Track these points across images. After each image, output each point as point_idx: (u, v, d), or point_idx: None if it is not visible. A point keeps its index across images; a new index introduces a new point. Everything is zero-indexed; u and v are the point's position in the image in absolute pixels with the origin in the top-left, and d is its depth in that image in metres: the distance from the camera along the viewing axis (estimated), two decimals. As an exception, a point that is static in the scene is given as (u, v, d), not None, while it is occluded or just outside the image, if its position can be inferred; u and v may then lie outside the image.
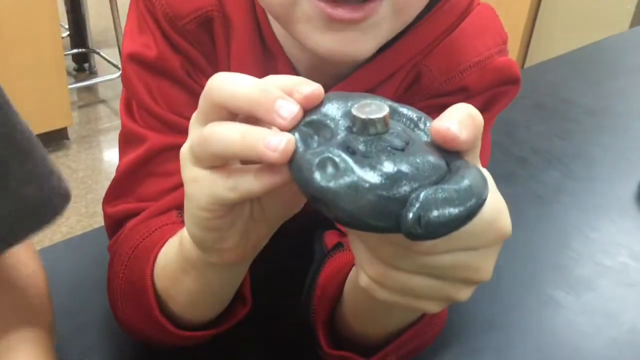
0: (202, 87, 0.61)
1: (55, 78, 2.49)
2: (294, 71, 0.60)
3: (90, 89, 3.17)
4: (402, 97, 0.61)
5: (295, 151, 0.34)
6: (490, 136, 0.67)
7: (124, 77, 0.62)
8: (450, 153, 0.35)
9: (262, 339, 0.66)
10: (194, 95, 0.60)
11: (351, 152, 0.33)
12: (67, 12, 3.06)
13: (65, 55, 2.75)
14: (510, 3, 3.05)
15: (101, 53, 3.19)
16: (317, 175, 0.33)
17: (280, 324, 0.67)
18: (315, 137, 0.35)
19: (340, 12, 0.48)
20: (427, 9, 0.56)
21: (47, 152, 0.56)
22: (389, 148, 0.34)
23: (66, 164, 2.59)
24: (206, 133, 0.37)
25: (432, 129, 0.35)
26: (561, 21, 2.97)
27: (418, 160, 0.33)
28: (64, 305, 0.69)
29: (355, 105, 0.35)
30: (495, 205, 0.38)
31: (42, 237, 2.38)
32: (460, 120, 0.34)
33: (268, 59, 0.60)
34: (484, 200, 0.33)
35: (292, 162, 0.35)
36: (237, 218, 0.42)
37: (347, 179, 0.32)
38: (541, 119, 1.16)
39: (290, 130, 0.35)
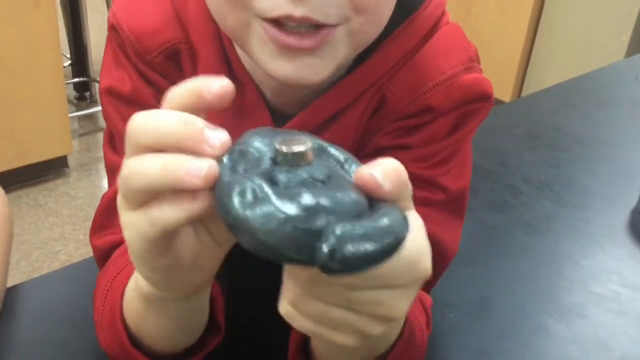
0: None
1: (56, 106, 2.51)
2: (261, 97, 0.60)
3: (91, 117, 3.19)
4: (369, 121, 0.61)
5: (219, 178, 0.34)
6: (470, 153, 0.66)
7: (103, 111, 0.63)
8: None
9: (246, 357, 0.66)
10: None
11: (272, 182, 0.33)
12: (69, 41, 3.10)
13: (67, 84, 2.78)
14: (506, 33, 3.09)
15: (102, 82, 3.22)
16: (236, 202, 0.32)
17: (264, 341, 0.67)
18: (241, 166, 0.35)
19: (293, 40, 0.48)
20: (390, 30, 0.56)
21: None
22: (310, 180, 0.34)
23: (65, 192, 2.60)
24: (127, 170, 0.37)
25: (356, 173, 0.35)
26: (557, 52, 3.00)
27: (338, 195, 0.33)
28: (60, 333, 0.69)
29: (280, 139, 0.35)
30: (418, 247, 0.38)
31: (40, 264, 2.38)
32: (385, 171, 0.35)
33: (236, 85, 0.60)
34: (402, 239, 0.33)
35: (215, 189, 0.34)
36: (181, 251, 0.41)
37: (263, 209, 0.32)
38: (533, 147, 1.18)
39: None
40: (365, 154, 0.63)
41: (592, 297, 0.81)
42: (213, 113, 0.61)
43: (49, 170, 2.65)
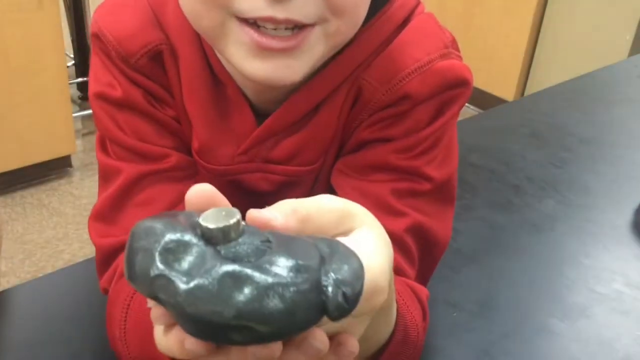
0: (165, 114, 0.62)
1: (60, 106, 2.51)
2: (243, 97, 0.61)
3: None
4: (349, 114, 0.62)
5: (176, 291, 0.30)
6: (455, 138, 0.66)
7: (95, 116, 0.64)
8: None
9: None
10: (161, 124, 0.63)
11: (233, 260, 0.31)
12: (73, 41, 3.11)
13: (70, 84, 2.78)
14: (509, 32, 3.09)
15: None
16: (235, 298, 0.30)
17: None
18: (184, 265, 0.31)
19: (271, 42, 0.49)
20: (364, 22, 0.57)
21: None
22: (260, 245, 0.33)
23: (69, 191, 2.61)
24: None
25: (247, 215, 0.35)
26: (560, 51, 3.00)
27: (298, 249, 0.33)
28: (63, 332, 0.70)
29: (199, 219, 0.33)
30: (373, 277, 0.36)
31: (44, 263, 2.39)
32: (278, 208, 0.36)
33: (217, 85, 0.62)
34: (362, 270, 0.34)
35: (184, 310, 0.30)
36: None
37: (263, 288, 0.30)
38: (536, 147, 1.18)
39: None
40: (348, 149, 0.64)
41: (595, 297, 0.81)
42: (197, 113, 0.62)
43: (52, 170, 2.66)
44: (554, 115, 1.31)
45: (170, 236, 0.32)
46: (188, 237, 0.32)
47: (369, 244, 0.38)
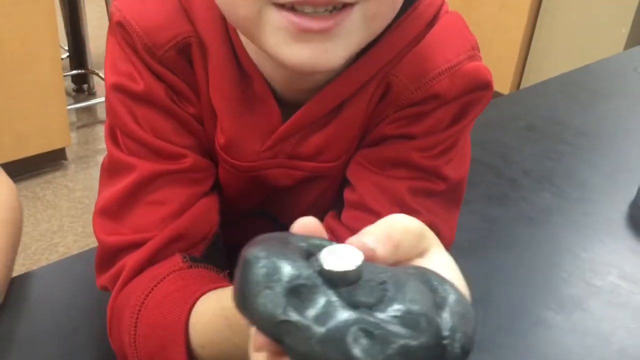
0: (186, 112, 0.61)
1: (54, 99, 2.50)
2: (269, 90, 0.60)
3: (89, 109, 3.18)
4: (375, 109, 0.61)
5: (307, 339, 0.30)
6: (469, 143, 0.66)
7: (108, 106, 0.62)
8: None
9: None
10: (180, 121, 0.61)
11: (357, 307, 0.31)
12: (67, 33, 3.09)
13: (65, 76, 2.77)
14: (506, 26, 3.08)
15: (100, 74, 3.21)
16: (361, 350, 0.30)
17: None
18: (312, 310, 0.31)
19: (310, 22, 0.47)
20: (394, 19, 0.56)
21: None
22: (379, 288, 0.32)
23: (64, 184, 2.60)
24: None
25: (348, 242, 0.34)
26: (557, 44, 3.00)
27: (412, 290, 0.32)
28: (58, 325, 0.69)
29: (320, 259, 0.32)
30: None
31: (39, 256, 2.38)
32: (370, 233, 0.35)
33: (244, 79, 0.60)
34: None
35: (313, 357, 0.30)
36: None
37: (388, 343, 0.30)
38: (533, 140, 1.17)
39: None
40: (368, 142, 0.63)
41: (591, 289, 0.81)
42: (223, 107, 0.61)
43: (47, 162, 2.65)
44: (550, 108, 1.31)
45: (293, 274, 0.32)
46: (311, 276, 0.32)
47: (452, 266, 0.38)
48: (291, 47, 0.49)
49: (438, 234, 0.62)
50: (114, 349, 0.59)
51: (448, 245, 0.65)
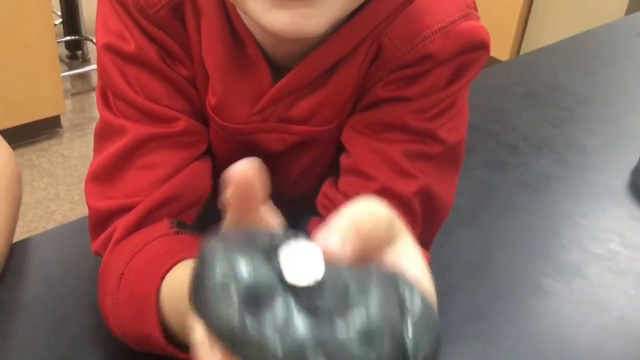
0: (178, 74, 0.60)
1: (48, 66, 2.47)
2: (261, 53, 0.59)
3: (84, 76, 3.15)
4: (367, 72, 0.60)
5: (263, 354, 0.28)
6: (466, 105, 0.65)
7: (100, 67, 0.61)
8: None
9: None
10: (173, 84, 0.60)
11: (317, 316, 0.29)
12: (60, -1, 3.05)
13: (58, 42, 2.73)
14: (505, -9, 3.04)
15: (94, 40, 3.18)
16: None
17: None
18: (269, 319, 0.29)
19: None
20: None
21: None
22: (342, 294, 0.30)
23: (59, 152, 2.58)
24: None
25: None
26: (556, 9, 2.96)
27: (377, 297, 0.31)
28: (55, 293, 0.69)
29: (280, 261, 0.30)
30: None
31: (36, 224, 2.38)
32: (335, 229, 0.31)
33: (237, 42, 0.59)
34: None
35: None
36: None
37: (351, 356, 0.29)
38: (533, 107, 1.16)
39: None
40: (362, 106, 0.62)
41: (591, 257, 0.81)
42: (215, 67, 0.60)
43: (42, 130, 2.63)
44: (550, 74, 1.30)
45: (251, 277, 0.29)
46: (270, 279, 0.30)
47: (419, 259, 0.36)
48: (272, 13, 0.48)
49: (436, 198, 0.62)
50: (102, 314, 0.59)
51: (448, 210, 0.64)
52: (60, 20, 3.13)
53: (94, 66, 3.16)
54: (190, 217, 0.61)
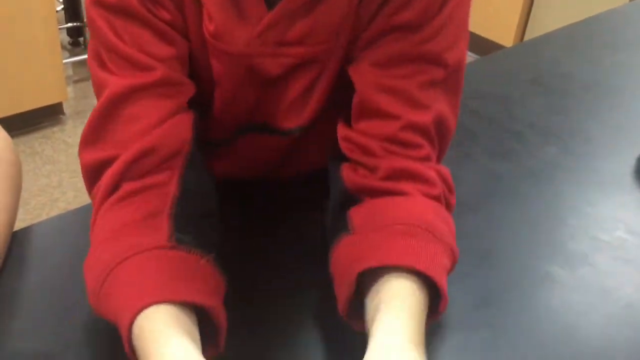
0: (162, 20, 0.61)
1: (49, 52, 2.46)
2: None
3: (86, 63, 3.14)
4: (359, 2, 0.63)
5: None
6: (466, 24, 0.67)
7: (90, 23, 0.63)
8: None
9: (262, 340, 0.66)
10: (156, 30, 0.62)
11: None
12: (61, -15, 3.03)
13: (60, 29, 2.72)
14: (509, -24, 3.02)
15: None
16: None
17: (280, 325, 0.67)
18: None
19: None
20: None
21: None
22: None
23: (62, 139, 2.58)
24: None
25: None
26: (560, -6, 2.94)
27: None
28: (58, 280, 0.69)
29: None
30: None
31: (39, 211, 2.37)
32: None
33: None
34: None
35: None
36: None
37: None
38: (538, 94, 1.15)
39: None
40: (365, 42, 0.65)
41: (597, 244, 0.80)
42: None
43: (44, 117, 2.62)
44: (555, 61, 1.29)
45: None
46: None
47: None
48: None
49: (446, 122, 0.65)
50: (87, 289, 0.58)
51: (454, 130, 0.69)
52: (62, 7, 3.11)
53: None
54: (176, 169, 0.61)
